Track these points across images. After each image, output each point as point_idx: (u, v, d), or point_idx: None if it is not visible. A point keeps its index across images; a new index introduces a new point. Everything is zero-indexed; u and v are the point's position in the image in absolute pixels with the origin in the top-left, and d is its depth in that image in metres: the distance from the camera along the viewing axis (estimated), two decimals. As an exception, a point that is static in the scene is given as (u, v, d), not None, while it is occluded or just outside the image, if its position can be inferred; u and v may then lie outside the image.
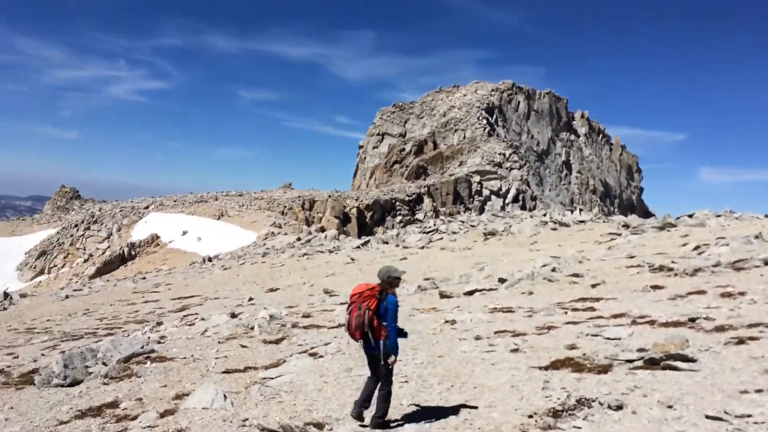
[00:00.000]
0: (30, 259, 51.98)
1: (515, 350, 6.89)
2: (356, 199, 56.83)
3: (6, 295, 25.47)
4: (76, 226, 54.39)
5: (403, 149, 77.71)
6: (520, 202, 67.20)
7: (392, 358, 4.88)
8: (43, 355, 9.37)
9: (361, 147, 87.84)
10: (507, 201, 66.99)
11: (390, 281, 4.98)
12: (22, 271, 50.61)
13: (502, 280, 12.99)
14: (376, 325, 4.88)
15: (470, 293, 12.31)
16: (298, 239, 37.18)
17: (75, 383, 6.63)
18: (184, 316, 13.44)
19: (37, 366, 7.70)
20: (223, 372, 6.96)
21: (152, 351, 7.91)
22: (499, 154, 73.01)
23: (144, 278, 28.44)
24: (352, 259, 24.10)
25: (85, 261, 48.53)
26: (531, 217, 35.16)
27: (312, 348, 7.94)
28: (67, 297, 22.74)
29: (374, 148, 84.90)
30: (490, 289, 12.48)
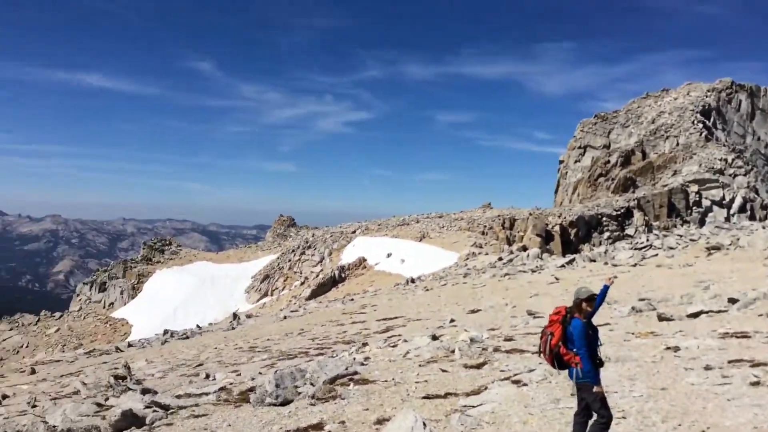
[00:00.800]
0: (255, 283, 57.55)
1: (756, 383, 5.81)
2: (559, 216, 54.71)
3: (235, 315, 28.32)
4: (293, 251, 59.13)
5: (608, 161, 73.39)
6: (748, 212, 59.65)
7: (596, 388, 4.36)
8: (260, 373, 10.04)
9: (561, 162, 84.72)
10: (732, 211, 59.86)
11: (577, 303, 4.50)
12: (250, 293, 56.16)
13: (732, 301, 11.36)
14: (564, 351, 4.43)
15: (695, 315, 10.91)
16: (500, 259, 36.57)
17: (285, 403, 6.92)
18: (388, 337, 13.65)
19: (255, 384, 8.21)
20: (423, 397, 6.81)
21: (355, 373, 8.04)
22: (720, 159, 65.74)
23: (352, 300, 29.80)
24: (557, 279, 22.99)
25: (302, 284, 52.49)
26: (764, 228, 30.93)
27: (515, 374, 7.50)
28: (285, 318, 24.53)
29: (576, 162, 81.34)
30: (719, 311, 10.95)
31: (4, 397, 9.73)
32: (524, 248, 42.73)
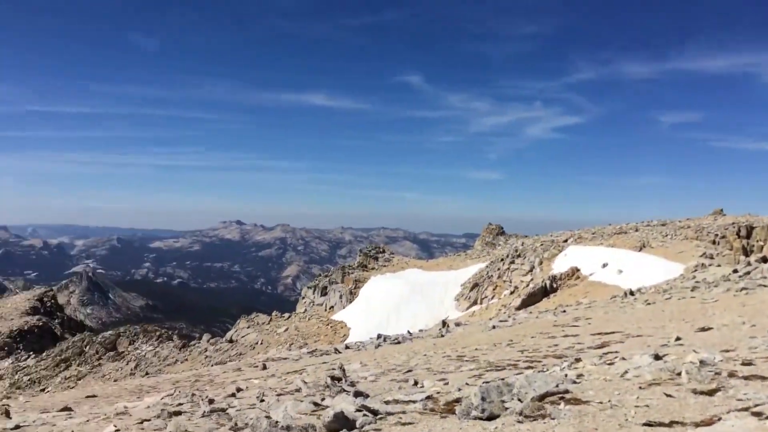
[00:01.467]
0: (465, 291, 57.96)
1: None
2: (811, 222, 47.45)
3: (444, 323, 28.74)
4: (502, 260, 58.56)
5: None
6: None
7: None
8: (467, 384, 9.97)
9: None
10: None
11: None
12: (459, 301, 56.68)
13: None
14: None
15: None
16: (734, 271, 32.61)
17: (491, 417, 6.74)
18: (604, 353, 12.80)
19: (461, 395, 8.15)
20: (644, 424, 6.19)
21: (567, 391, 7.58)
22: None
23: (564, 311, 28.60)
24: (810, 295, 19.86)
25: (511, 293, 51.72)
26: None
27: (755, 405, 6.52)
28: (493, 327, 24.27)
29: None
30: None
31: (239, 390, 10.79)
32: (765, 259, 37.72)
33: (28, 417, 8.38)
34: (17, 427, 7.38)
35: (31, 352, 46.48)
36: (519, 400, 7.12)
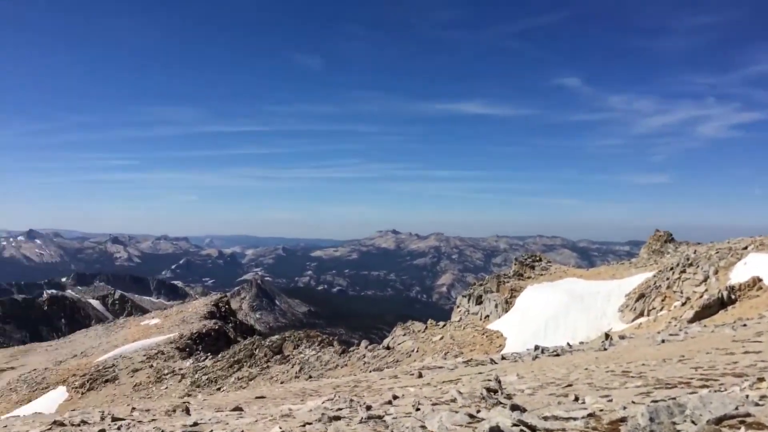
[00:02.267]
0: (630, 302, 54.59)
1: None
2: None
3: (607, 335, 27.24)
4: (671, 269, 54.45)
5: None
6: None
7: None
8: (633, 402, 9.35)
9: None
10: None
11: None
12: (623, 312, 53.50)
13: None
14: None
15: None
16: None
17: (664, 440, 6.26)
18: (794, 374, 11.45)
19: (626, 414, 7.66)
20: None
21: (748, 414, 6.85)
22: None
23: (744, 325, 26.00)
24: None
25: (682, 304, 47.87)
26: None
27: None
28: (663, 341, 22.64)
29: None
30: None
31: (395, 397, 10.97)
32: None
33: (204, 415, 9.12)
34: (195, 424, 8.06)
35: (209, 354, 50.66)
36: (692, 422, 6.54)
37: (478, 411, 8.26)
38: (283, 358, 45.32)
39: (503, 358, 24.32)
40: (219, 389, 38.52)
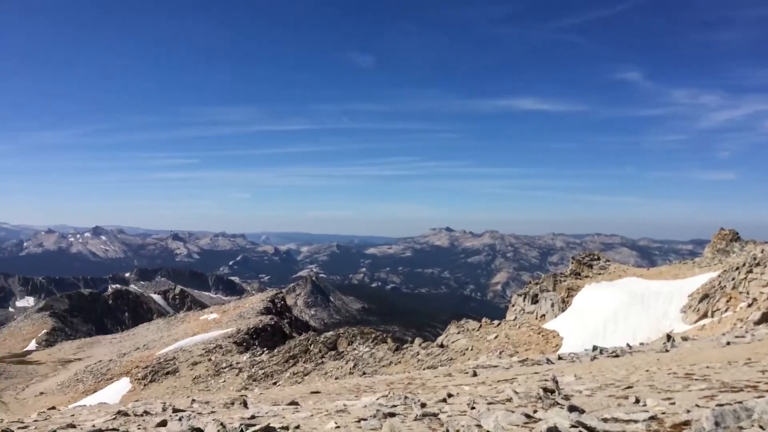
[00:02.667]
0: (693, 302, 52.77)
1: None
2: None
3: (669, 337, 26.42)
4: (737, 269, 52.36)
5: None
6: None
7: None
8: (697, 405, 9.05)
9: None
10: None
11: None
12: (686, 313, 51.77)
13: None
14: None
15: None
16: None
17: (729, 445, 6.04)
18: None
19: (690, 418, 7.42)
20: None
21: (824, 422, 6.54)
22: None
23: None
24: None
25: (749, 306, 45.96)
26: None
27: None
28: (728, 343, 21.81)
29: None
30: None
31: (450, 395, 10.93)
32: None
33: (261, 408, 9.29)
34: (253, 417, 8.23)
35: (265, 348, 51.60)
36: (760, 427, 6.30)
37: (535, 411, 8.15)
38: (337, 354, 45.77)
39: (560, 358, 23.91)
40: (275, 383, 39.20)
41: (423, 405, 8.42)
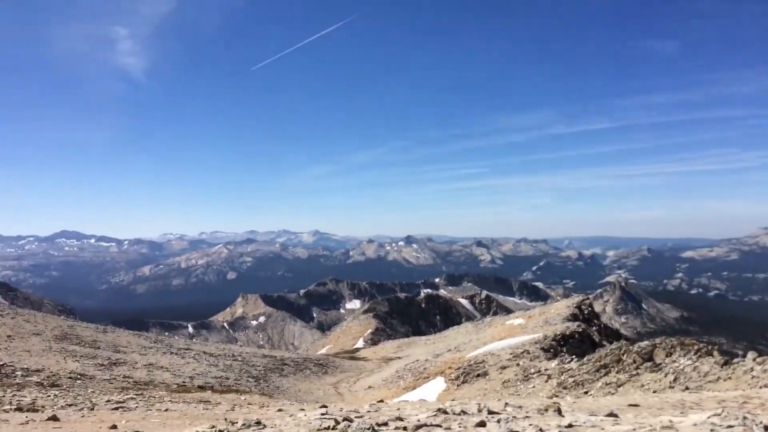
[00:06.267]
0: None
1: None
2: None
3: None
4: None
5: None
6: None
7: None
8: None
9: None
10: None
11: None
12: None
13: None
14: None
15: None
16: None
17: None
18: None
19: None
20: None
21: None
22: None
23: None
24: None
25: None
26: None
27: None
28: None
29: None
30: None
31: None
32: None
33: (578, 417, 9.05)
34: (570, 426, 8.06)
35: (574, 356, 50.31)
36: None
37: None
38: (654, 366, 42.47)
39: None
40: (586, 393, 37.93)
41: (766, 427, 7.36)
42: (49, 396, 20.21)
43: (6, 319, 41.37)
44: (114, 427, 12.16)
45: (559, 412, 10.46)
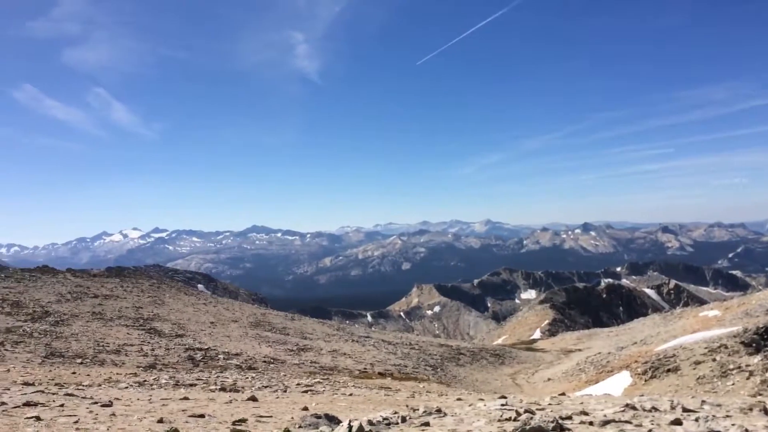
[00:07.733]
0: None
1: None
2: None
3: None
4: None
5: None
6: None
7: None
8: None
9: None
10: None
11: None
12: None
13: None
14: None
15: None
16: None
17: None
18: None
19: None
20: None
21: None
22: None
23: None
24: None
25: None
26: None
27: None
28: None
29: None
30: None
31: None
32: None
33: None
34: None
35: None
36: None
37: None
38: None
39: None
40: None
41: None
42: (247, 378, 22.22)
43: (209, 307, 46.06)
44: (305, 408, 13.05)
45: (765, 412, 9.52)
